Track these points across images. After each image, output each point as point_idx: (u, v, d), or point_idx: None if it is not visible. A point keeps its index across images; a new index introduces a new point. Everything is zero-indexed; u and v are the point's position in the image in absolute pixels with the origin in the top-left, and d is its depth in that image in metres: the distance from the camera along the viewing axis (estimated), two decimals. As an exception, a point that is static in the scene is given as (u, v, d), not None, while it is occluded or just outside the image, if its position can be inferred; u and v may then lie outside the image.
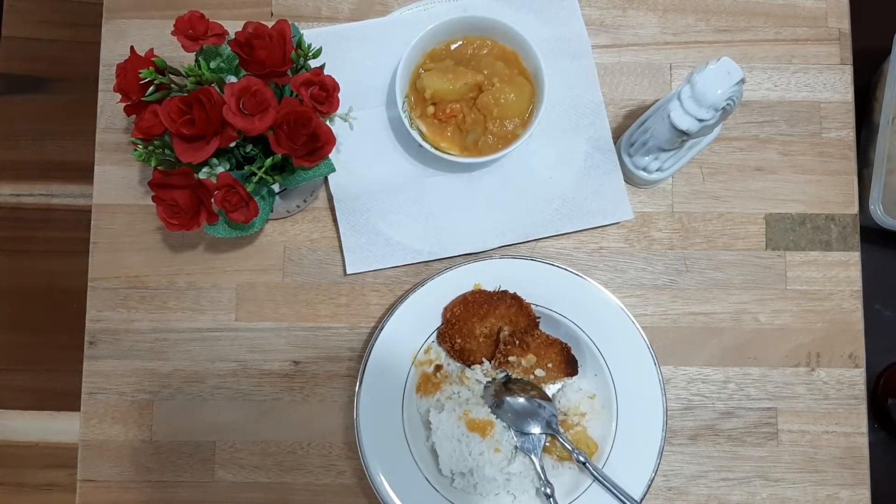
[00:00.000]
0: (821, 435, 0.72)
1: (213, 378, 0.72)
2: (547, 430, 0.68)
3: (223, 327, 0.73)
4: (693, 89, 0.59)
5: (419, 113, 0.71)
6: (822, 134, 0.75)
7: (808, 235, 0.74)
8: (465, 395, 0.69)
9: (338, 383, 0.72)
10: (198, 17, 0.59)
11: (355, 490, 0.71)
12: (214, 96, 0.57)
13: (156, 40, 0.74)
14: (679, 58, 0.76)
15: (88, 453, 0.71)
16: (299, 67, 0.62)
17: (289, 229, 0.74)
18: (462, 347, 0.69)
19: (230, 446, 0.71)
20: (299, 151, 0.59)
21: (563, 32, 0.75)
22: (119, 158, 0.74)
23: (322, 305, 0.73)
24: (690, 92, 0.59)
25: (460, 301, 0.69)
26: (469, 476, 0.67)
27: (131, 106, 0.61)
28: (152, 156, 0.60)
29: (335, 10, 0.76)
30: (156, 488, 0.71)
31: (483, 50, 0.71)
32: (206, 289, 0.73)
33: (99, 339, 0.72)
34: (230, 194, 0.59)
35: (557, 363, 0.69)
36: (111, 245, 0.73)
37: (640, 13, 0.77)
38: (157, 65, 0.59)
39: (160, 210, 0.61)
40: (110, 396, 0.72)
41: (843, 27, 0.76)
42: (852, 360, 0.72)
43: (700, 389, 0.72)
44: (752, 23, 0.77)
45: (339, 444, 0.71)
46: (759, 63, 0.76)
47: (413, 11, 0.75)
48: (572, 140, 0.74)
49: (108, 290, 0.73)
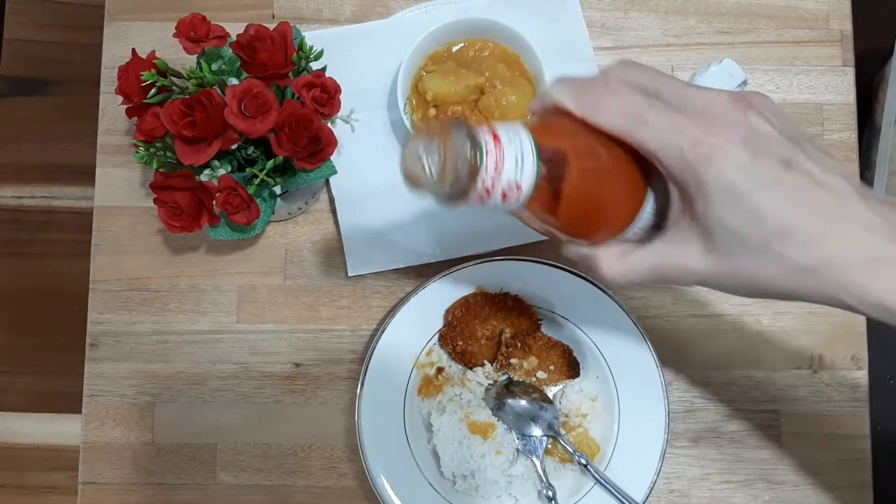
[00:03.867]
0: (823, 437, 0.72)
1: (215, 380, 0.72)
2: (548, 433, 0.67)
3: (224, 329, 0.72)
4: (695, 91, 0.59)
5: (421, 115, 0.71)
6: (825, 136, 0.75)
7: (810, 237, 0.74)
8: (467, 397, 0.69)
9: (339, 385, 0.72)
10: (199, 20, 0.59)
11: (357, 492, 0.71)
12: (216, 98, 0.57)
13: (157, 42, 0.74)
14: (681, 60, 0.76)
15: (90, 456, 0.71)
16: (301, 69, 0.62)
17: (290, 231, 0.74)
18: (464, 350, 0.69)
19: (231, 448, 0.71)
20: (301, 153, 0.59)
21: (564, 34, 0.75)
22: (120, 161, 0.74)
23: (323, 308, 0.73)
24: (692, 94, 0.59)
25: (462, 303, 0.69)
26: (471, 478, 0.67)
27: (133, 108, 0.61)
28: (154, 158, 0.60)
29: (337, 13, 0.76)
30: (157, 491, 0.71)
31: (484, 52, 0.71)
32: (208, 291, 0.73)
33: (100, 341, 0.72)
34: (232, 196, 0.59)
35: (559, 365, 0.69)
36: (112, 247, 0.73)
37: (642, 15, 0.77)
38: (159, 67, 0.59)
39: (161, 212, 0.61)
40: (111, 399, 0.72)
41: (846, 29, 0.76)
42: (855, 363, 0.72)
43: (702, 392, 0.72)
44: (754, 25, 0.76)
45: (340, 447, 0.71)
46: (760, 65, 0.76)
47: (414, 13, 0.75)
48: (574, 142, 0.74)
49: (110, 293, 0.73)
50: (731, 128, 0.38)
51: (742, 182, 0.38)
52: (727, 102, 0.39)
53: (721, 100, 0.39)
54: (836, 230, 0.38)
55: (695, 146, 0.38)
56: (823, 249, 0.38)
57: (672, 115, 0.39)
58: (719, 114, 0.39)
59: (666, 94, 0.41)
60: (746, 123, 0.39)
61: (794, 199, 0.38)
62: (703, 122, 0.39)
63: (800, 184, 0.38)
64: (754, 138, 0.38)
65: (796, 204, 0.38)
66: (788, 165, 0.38)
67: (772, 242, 0.38)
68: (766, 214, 0.38)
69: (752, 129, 0.38)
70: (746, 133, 0.38)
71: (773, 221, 0.38)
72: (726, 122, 0.39)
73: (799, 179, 0.38)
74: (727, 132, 0.38)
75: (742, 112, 0.39)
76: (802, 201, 0.38)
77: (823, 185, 0.38)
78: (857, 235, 0.38)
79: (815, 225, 0.38)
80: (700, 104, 0.40)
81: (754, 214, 0.38)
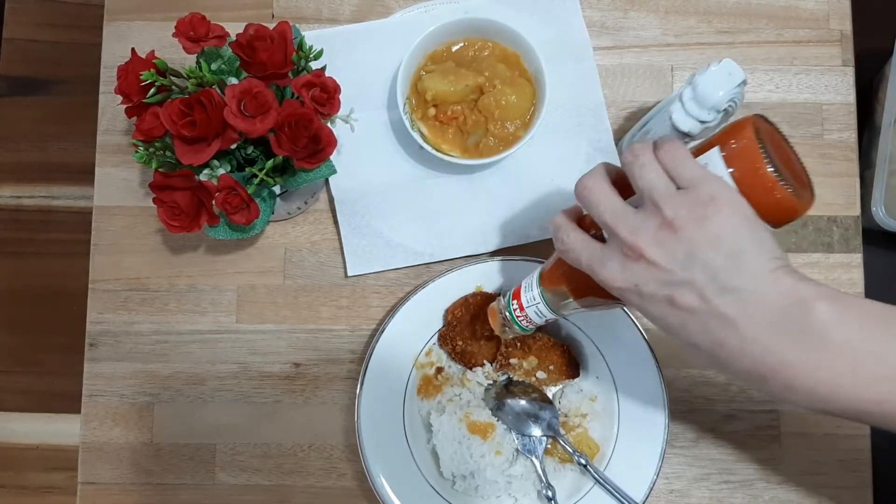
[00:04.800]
0: (823, 437, 0.72)
1: (214, 380, 0.72)
2: (548, 433, 0.67)
3: (224, 329, 0.72)
4: (695, 91, 0.59)
5: (420, 115, 0.71)
6: (824, 136, 0.75)
7: (809, 237, 0.74)
8: (467, 397, 0.69)
9: (339, 385, 0.72)
10: (199, 19, 0.59)
11: (356, 492, 0.71)
12: (215, 98, 0.57)
13: (157, 42, 0.74)
14: (681, 59, 0.76)
15: (89, 456, 0.71)
16: (300, 69, 0.62)
17: (290, 231, 0.74)
18: (463, 350, 0.69)
19: (231, 449, 0.71)
20: (300, 153, 0.59)
21: (564, 34, 0.75)
22: (120, 160, 0.74)
23: (323, 307, 0.73)
24: (692, 93, 0.59)
25: (462, 303, 0.69)
26: (470, 478, 0.67)
27: (132, 108, 0.61)
28: (153, 158, 0.60)
29: (336, 12, 0.76)
30: (156, 491, 0.71)
31: (484, 52, 0.71)
32: (207, 291, 0.73)
33: (99, 341, 0.72)
34: (231, 196, 0.59)
35: (559, 365, 0.69)
36: (112, 247, 0.73)
37: (642, 15, 0.77)
38: (159, 67, 0.59)
39: (161, 212, 0.60)
40: (111, 399, 0.72)
41: (845, 29, 0.76)
42: (855, 363, 0.72)
43: (702, 392, 0.72)
44: (754, 24, 0.76)
45: (339, 447, 0.71)
46: (760, 64, 0.76)
47: (414, 13, 0.75)
48: (574, 142, 0.74)
49: (109, 293, 0.73)
50: (625, 279, 0.47)
51: (648, 318, 0.48)
52: (633, 249, 0.46)
53: (637, 242, 0.46)
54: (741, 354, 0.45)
55: (618, 293, 0.48)
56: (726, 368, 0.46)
57: (607, 267, 0.48)
58: (626, 268, 0.47)
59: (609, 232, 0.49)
60: (631, 279, 0.46)
61: (684, 330, 0.46)
62: (617, 283, 0.47)
63: (682, 319, 0.45)
64: (638, 288, 0.46)
65: (687, 334, 0.46)
66: (672, 304, 0.45)
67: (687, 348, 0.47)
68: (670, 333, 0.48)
69: (636, 279, 0.46)
70: (631, 284, 0.46)
71: (681, 340, 0.47)
72: (623, 279, 0.47)
73: (682, 315, 0.45)
74: (624, 283, 0.47)
75: (633, 262, 0.46)
76: (694, 333, 0.45)
77: (710, 314, 0.44)
78: (750, 355, 0.44)
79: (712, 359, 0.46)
80: (619, 258, 0.47)
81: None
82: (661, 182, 0.46)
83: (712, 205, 0.44)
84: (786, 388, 0.44)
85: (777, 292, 0.43)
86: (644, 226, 0.46)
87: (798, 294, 0.43)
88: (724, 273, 0.43)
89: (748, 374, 0.45)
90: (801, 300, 0.43)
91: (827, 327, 0.42)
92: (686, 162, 0.46)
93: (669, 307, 0.45)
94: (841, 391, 0.43)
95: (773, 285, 0.43)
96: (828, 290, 0.44)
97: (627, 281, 0.47)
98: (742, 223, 0.44)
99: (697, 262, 0.44)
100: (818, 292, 0.43)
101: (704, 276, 0.44)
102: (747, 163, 0.46)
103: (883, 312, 0.44)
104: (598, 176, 0.50)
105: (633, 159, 0.48)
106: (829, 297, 0.43)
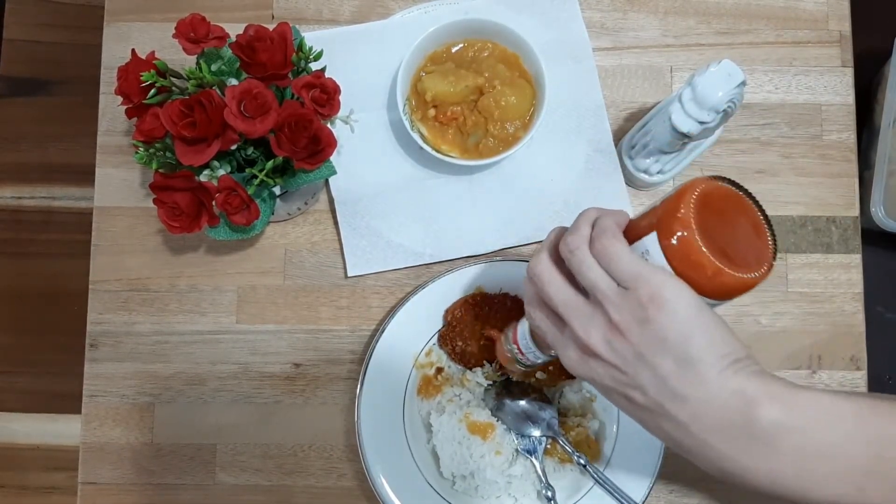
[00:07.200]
0: (822, 437, 0.72)
1: (214, 381, 0.72)
2: (548, 433, 0.67)
3: (224, 330, 0.73)
4: (694, 92, 0.59)
5: (420, 115, 0.71)
6: (823, 136, 0.75)
7: (809, 238, 0.74)
8: (466, 397, 0.69)
9: (339, 386, 0.72)
10: (199, 20, 0.60)
11: (356, 492, 0.71)
12: (215, 99, 0.57)
13: (157, 43, 0.74)
14: (680, 60, 0.76)
15: (89, 456, 0.71)
16: (300, 70, 0.62)
17: (290, 232, 0.74)
18: (463, 350, 0.69)
19: (231, 449, 0.71)
20: (300, 154, 0.59)
21: (563, 35, 0.75)
22: (120, 161, 0.74)
23: (323, 308, 0.73)
24: (691, 94, 0.59)
25: (461, 303, 0.69)
26: (470, 479, 0.67)
27: (132, 108, 0.61)
28: (153, 158, 0.60)
29: (336, 13, 0.76)
30: (157, 491, 0.71)
31: (484, 52, 0.71)
32: (208, 291, 0.73)
33: (100, 341, 0.72)
34: (231, 197, 0.59)
35: (558, 366, 0.69)
36: (112, 247, 0.73)
37: (641, 16, 0.77)
38: (159, 67, 0.59)
39: (161, 212, 0.61)
40: (111, 399, 0.72)
41: (844, 30, 0.76)
42: (854, 363, 0.72)
43: (701, 392, 0.72)
44: (753, 25, 0.77)
45: (340, 447, 0.71)
46: (760, 65, 0.76)
47: (414, 14, 0.75)
48: (573, 142, 0.74)
49: (109, 293, 0.73)
50: (584, 371, 0.47)
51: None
52: (586, 347, 0.46)
53: (588, 340, 0.46)
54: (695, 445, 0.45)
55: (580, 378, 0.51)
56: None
57: (567, 355, 0.48)
58: (584, 361, 0.47)
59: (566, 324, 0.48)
60: (589, 372, 0.47)
61: (643, 424, 0.47)
62: (577, 372, 0.48)
63: (639, 415, 0.46)
64: (596, 382, 0.47)
65: (647, 427, 0.47)
66: (629, 400, 0.46)
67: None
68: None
69: (592, 374, 0.47)
70: (589, 377, 0.47)
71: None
72: (582, 371, 0.47)
73: (638, 412, 0.46)
74: (583, 374, 0.47)
75: (590, 357, 0.46)
76: (653, 429, 0.46)
77: (664, 417, 0.44)
78: (706, 457, 0.44)
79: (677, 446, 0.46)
80: (577, 350, 0.47)
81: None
82: (603, 282, 0.45)
83: (652, 305, 0.42)
84: (751, 488, 0.44)
85: (725, 396, 0.42)
86: (594, 323, 0.45)
87: (745, 396, 0.42)
88: (673, 379, 0.43)
89: (712, 471, 0.45)
90: (747, 403, 0.42)
91: (773, 432, 0.42)
92: (621, 259, 0.44)
93: (627, 402, 0.46)
94: (805, 491, 0.43)
95: (720, 389, 0.42)
96: (777, 386, 0.43)
97: (586, 373, 0.47)
98: (687, 320, 0.43)
99: (647, 365, 0.43)
100: (765, 392, 0.42)
101: (655, 380, 0.44)
102: (686, 253, 0.43)
103: (831, 406, 0.43)
104: (545, 263, 0.49)
105: (569, 256, 0.47)
106: (775, 398, 0.42)
